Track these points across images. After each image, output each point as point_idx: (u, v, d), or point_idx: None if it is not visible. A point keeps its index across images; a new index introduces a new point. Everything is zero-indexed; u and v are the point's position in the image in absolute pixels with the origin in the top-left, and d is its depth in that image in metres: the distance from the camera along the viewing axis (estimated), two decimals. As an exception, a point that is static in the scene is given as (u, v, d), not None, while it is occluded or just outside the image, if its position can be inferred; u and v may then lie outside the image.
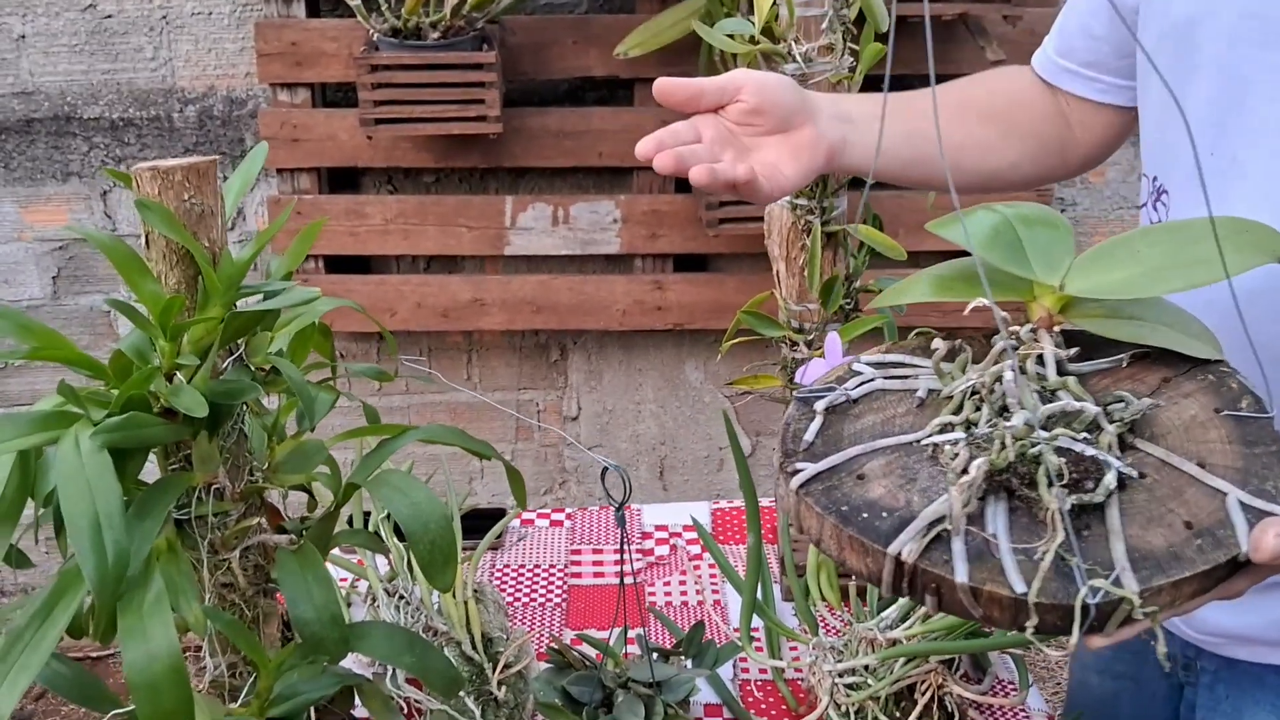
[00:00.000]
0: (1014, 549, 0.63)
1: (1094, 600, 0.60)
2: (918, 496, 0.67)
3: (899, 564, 0.64)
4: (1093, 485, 0.65)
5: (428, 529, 0.81)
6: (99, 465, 0.70)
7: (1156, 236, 0.77)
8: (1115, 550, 0.63)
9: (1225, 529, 0.65)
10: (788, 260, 1.22)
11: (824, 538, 0.68)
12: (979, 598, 0.62)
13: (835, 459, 0.71)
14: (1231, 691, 1.04)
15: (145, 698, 0.71)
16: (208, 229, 0.78)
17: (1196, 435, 0.71)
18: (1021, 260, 0.75)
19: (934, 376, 0.76)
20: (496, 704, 1.04)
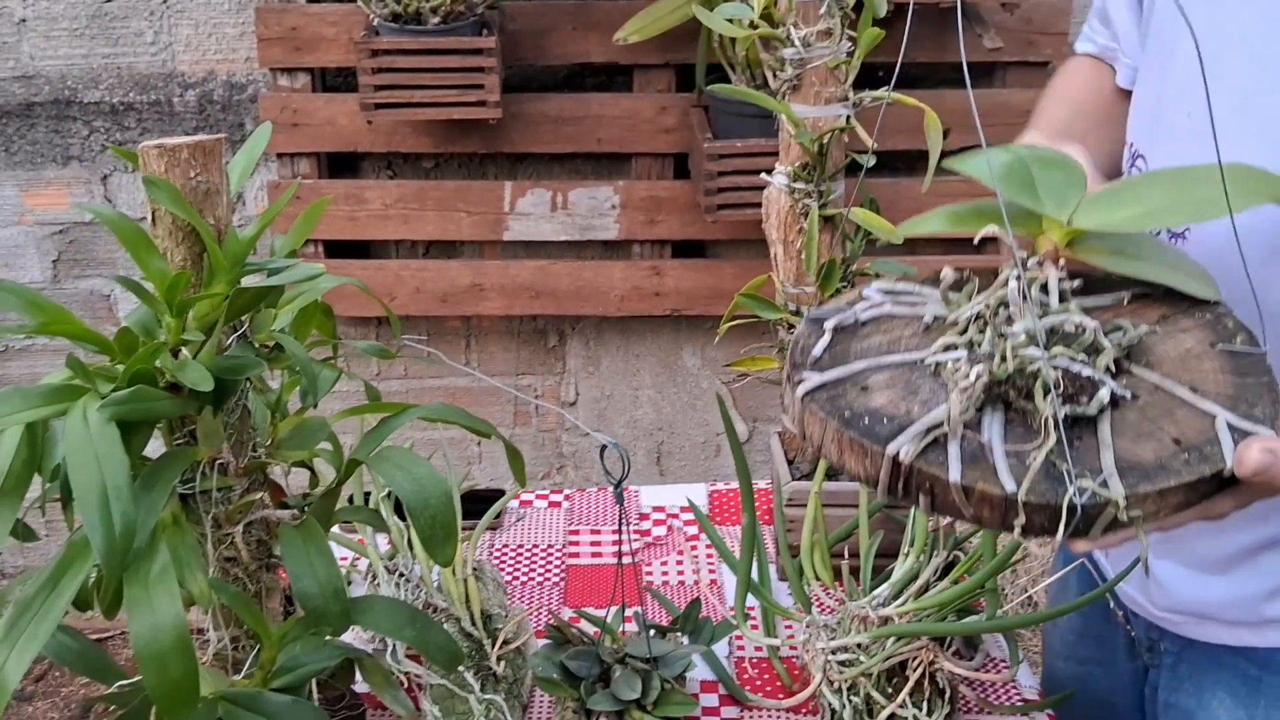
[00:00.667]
0: (1007, 453, 0.66)
1: (1081, 500, 0.63)
2: (918, 406, 0.70)
3: (896, 464, 0.66)
4: (1087, 399, 0.68)
5: (429, 504, 0.82)
6: (107, 437, 0.71)
7: (1163, 179, 0.80)
8: (1104, 459, 0.66)
9: (1213, 446, 0.67)
10: (785, 243, 1.23)
11: (825, 442, 0.70)
12: (970, 497, 0.65)
13: (841, 371, 0.74)
14: (1192, 671, 1.06)
15: (152, 668, 0.73)
16: (213, 206, 0.80)
17: (1191, 365, 0.74)
18: (1033, 196, 0.78)
19: (941, 304, 0.78)
20: (495, 679, 1.05)
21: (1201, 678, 1.05)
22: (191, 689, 0.73)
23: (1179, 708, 1.08)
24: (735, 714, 1.09)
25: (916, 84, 2.33)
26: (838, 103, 1.18)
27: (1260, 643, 1.00)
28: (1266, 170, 0.78)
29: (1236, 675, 1.02)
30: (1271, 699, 1.00)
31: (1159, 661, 1.11)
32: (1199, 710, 1.05)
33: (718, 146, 2.07)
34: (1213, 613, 1.02)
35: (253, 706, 0.82)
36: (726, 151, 2.06)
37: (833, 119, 1.17)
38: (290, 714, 0.82)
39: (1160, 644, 1.10)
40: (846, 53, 1.17)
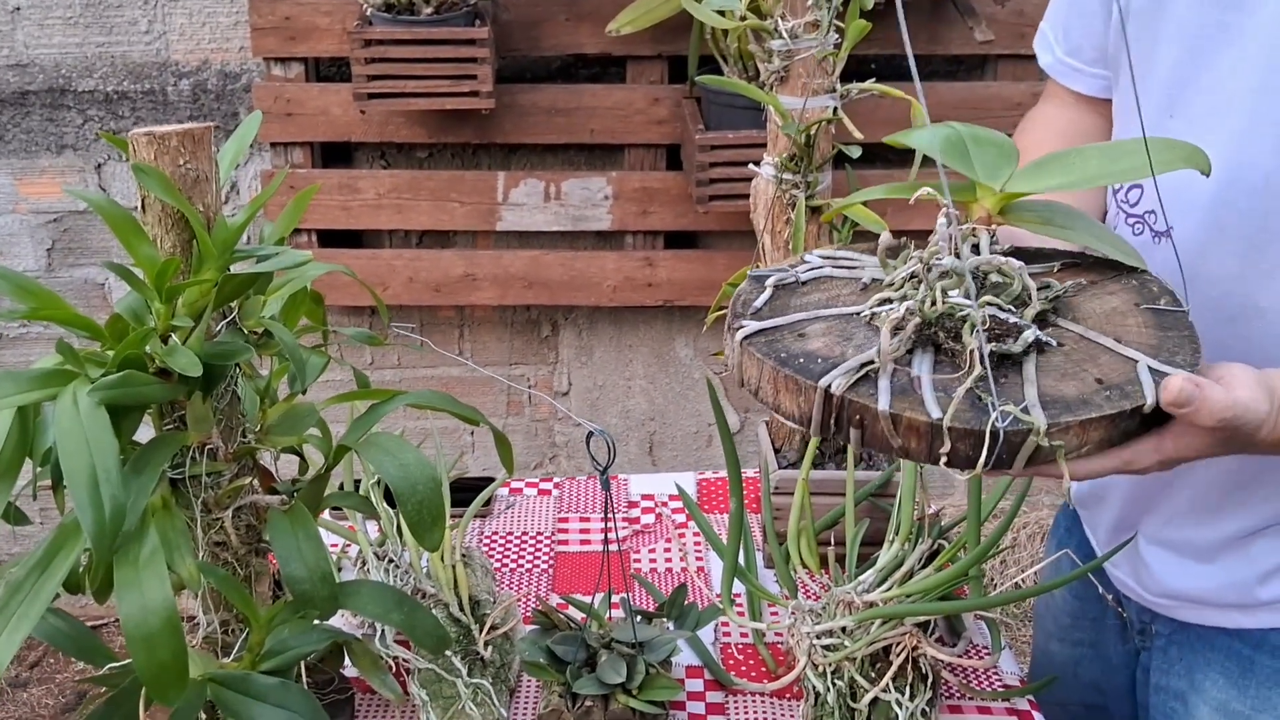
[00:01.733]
0: (934, 383, 0.69)
1: (1003, 425, 0.65)
2: (852, 350, 0.73)
3: (828, 398, 0.69)
4: (1013, 340, 0.71)
5: (416, 490, 0.83)
6: (97, 421, 0.72)
7: (1089, 152, 0.83)
8: (1028, 393, 0.69)
9: (1134, 385, 0.70)
10: (773, 233, 1.24)
11: (762, 383, 0.74)
12: (898, 426, 0.68)
13: (780, 320, 0.77)
14: (1184, 654, 1.07)
15: (141, 649, 0.74)
16: (202, 194, 0.80)
17: (1116, 321, 0.77)
18: (968, 165, 0.82)
19: (878, 268, 0.81)
20: (483, 663, 1.06)
21: (1193, 659, 1.07)
22: (180, 670, 0.74)
23: (1170, 689, 1.09)
24: (720, 698, 1.11)
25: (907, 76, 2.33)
26: (825, 94, 1.18)
27: (1252, 624, 1.02)
28: (1187, 143, 0.81)
29: (1229, 656, 1.03)
30: (1263, 678, 1.01)
31: (1151, 644, 1.12)
32: (1190, 691, 1.06)
33: (709, 137, 2.08)
34: (1205, 597, 1.04)
35: (241, 689, 0.84)
36: (718, 142, 2.07)
37: (820, 110, 1.18)
38: (278, 696, 0.83)
39: (1152, 627, 1.11)
40: (834, 45, 1.18)
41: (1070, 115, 1.14)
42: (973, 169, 0.81)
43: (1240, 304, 0.92)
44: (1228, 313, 0.93)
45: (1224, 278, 0.93)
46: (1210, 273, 0.93)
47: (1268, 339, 0.92)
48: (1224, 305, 0.93)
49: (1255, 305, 0.92)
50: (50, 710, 2.42)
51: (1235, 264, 0.92)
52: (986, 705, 1.09)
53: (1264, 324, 0.92)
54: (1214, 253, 0.93)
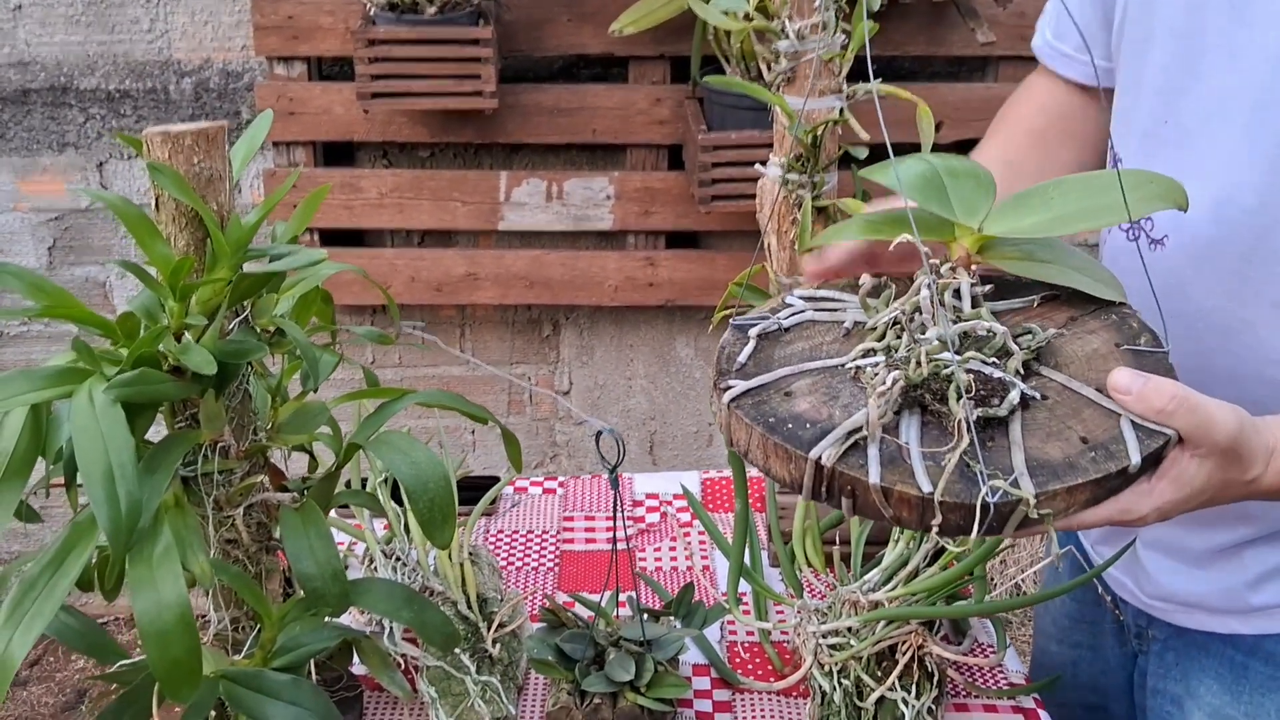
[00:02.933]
0: (923, 454, 0.69)
1: (993, 499, 0.65)
2: (839, 411, 0.72)
3: (819, 468, 0.69)
4: (998, 401, 0.71)
5: (427, 488, 0.84)
6: (112, 419, 0.72)
7: (1068, 186, 0.83)
8: (1015, 459, 0.68)
9: (1118, 444, 0.70)
10: (779, 234, 1.25)
11: (751, 447, 0.73)
12: (889, 498, 0.67)
13: (765, 378, 0.76)
14: (1180, 659, 1.08)
15: (155, 645, 0.74)
16: (216, 193, 0.81)
17: (1097, 365, 0.76)
18: (945, 204, 0.81)
19: (860, 310, 0.81)
20: (491, 661, 1.07)
21: (1189, 664, 1.07)
22: (194, 667, 0.74)
23: (1167, 693, 1.09)
24: (727, 696, 1.11)
25: (910, 77, 2.34)
26: (831, 95, 1.19)
27: (1246, 630, 1.02)
28: (1166, 176, 0.81)
29: (1223, 662, 1.04)
30: (1257, 684, 1.01)
31: (1148, 648, 1.12)
32: (1186, 696, 1.07)
33: (712, 138, 2.08)
34: (1200, 601, 1.04)
35: (253, 685, 0.84)
36: (721, 143, 2.08)
37: (826, 111, 1.19)
38: (290, 693, 0.84)
39: (1149, 630, 1.12)
40: (840, 45, 1.18)
41: (1060, 98, 1.14)
42: (950, 207, 0.81)
43: (1232, 318, 0.92)
44: (1219, 326, 0.93)
45: (1217, 291, 0.93)
46: (1203, 285, 0.93)
47: (1258, 355, 0.92)
48: (1215, 319, 0.93)
49: (1246, 320, 0.92)
50: (50, 708, 2.42)
51: (1228, 278, 0.92)
52: (992, 703, 1.10)
53: (1254, 339, 0.92)
54: (1207, 266, 0.93)
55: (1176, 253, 0.95)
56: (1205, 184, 0.91)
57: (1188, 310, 0.95)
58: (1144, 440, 0.70)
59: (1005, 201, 0.82)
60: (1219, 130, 0.91)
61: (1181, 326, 0.94)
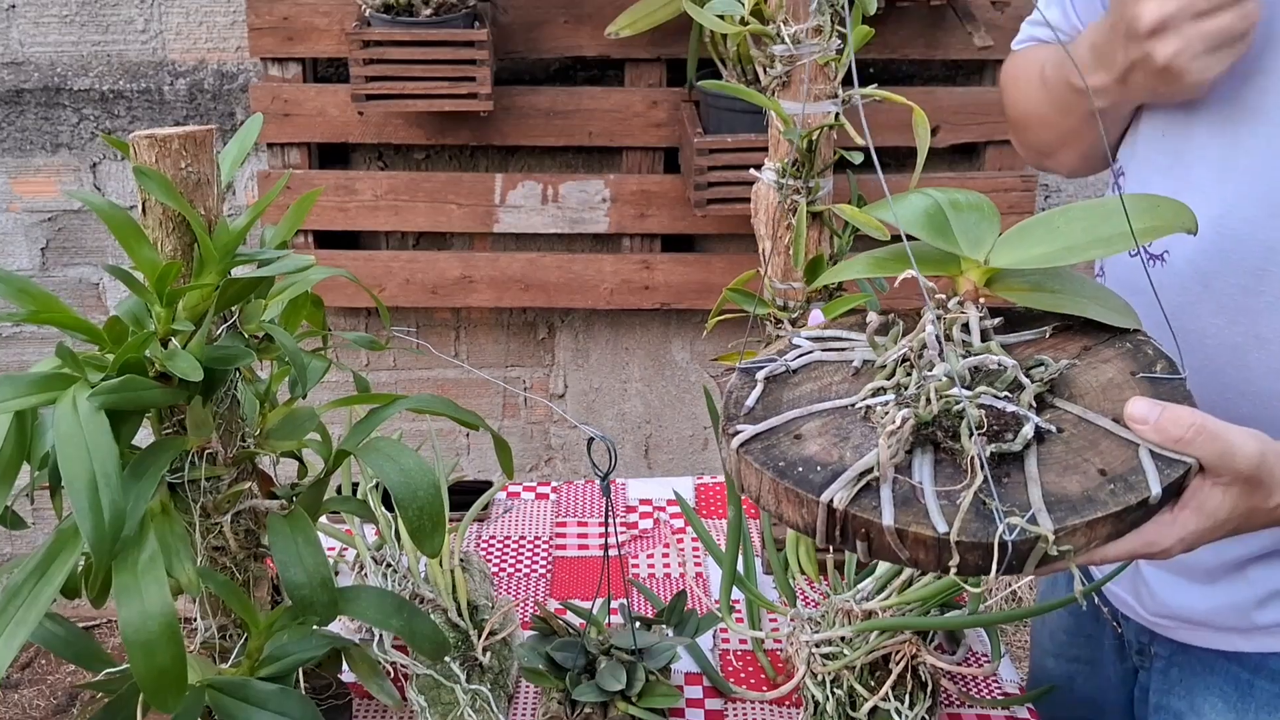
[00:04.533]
0: (937, 494, 0.67)
1: (1011, 537, 0.64)
2: (850, 452, 0.71)
3: (831, 511, 0.67)
4: (1012, 436, 0.69)
5: (417, 495, 0.83)
6: (96, 426, 0.71)
7: (1074, 214, 0.81)
8: (1032, 494, 0.67)
9: (1137, 475, 0.68)
10: (774, 239, 1.24)
11: (762, 492, 0.72)
12: (905, 540, 0.66)
13: (774, 421, 0.75)
14: (1185, 675, 1.07)
15: (140, 654, 0.73)
16: (204, 197, 0.80)
17: (1113, 395, 0.75)
18: (949, 238, 0.80)
19: (868, 349, 0.80)
20: (481, 669, 1.06)
21: (1193, 681, 1.06)
22: (179, 676, 0.74)
23: (1170, 709, 1.08)
24: (719, 706, 1.10)
25: (907, 81, 2.34)
26: (827, 99, 1.18)
27: (1251, 648, 1.01)
28: (1173, 201, 0.79)
29: (1228, 680, 1.03)
30: (1262, 703, 1.01)
31: (1149, 664, 1.11)
32: (1190, 713, 1.06)
33: (708, 141, 2.07)
34: (1203, 619, 1.03)
35: (240, 695, 0.83)
36: (716, 146, 2.07)
37: (822, 116, 1.18)
38: (277, 702, 0.83)
39: (1151, 647, 1.11)
40: (836, 50, 1.18)
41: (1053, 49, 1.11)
42: (955, 241, 0.80)
43: (1243, 333, 0.91)
44: (1229, 343, 0.92)
45: (1227, 306, 0.92)
46: (1211, 302, 0.92)
47: (1269, 370, 0.91)
48: (1227, 334, 0.92)
49: (1258, 335, 0.91)
50: (42, 712, 2.40)
51: (1236, 294, 0.91)
52: (986, 713, 1.09)
53: (1266, 355, 0.91)
54: (1215, 282, 0.92)
55: (1181, 268, 0.94)
56: (1208, 198, 0.90)
57: (1195, 327, 0.94)
58: (1164, 470, 0.68)
59: (1010, 232, 0.81)
60: (1221, 143, 0.90)
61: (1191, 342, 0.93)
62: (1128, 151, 1.00)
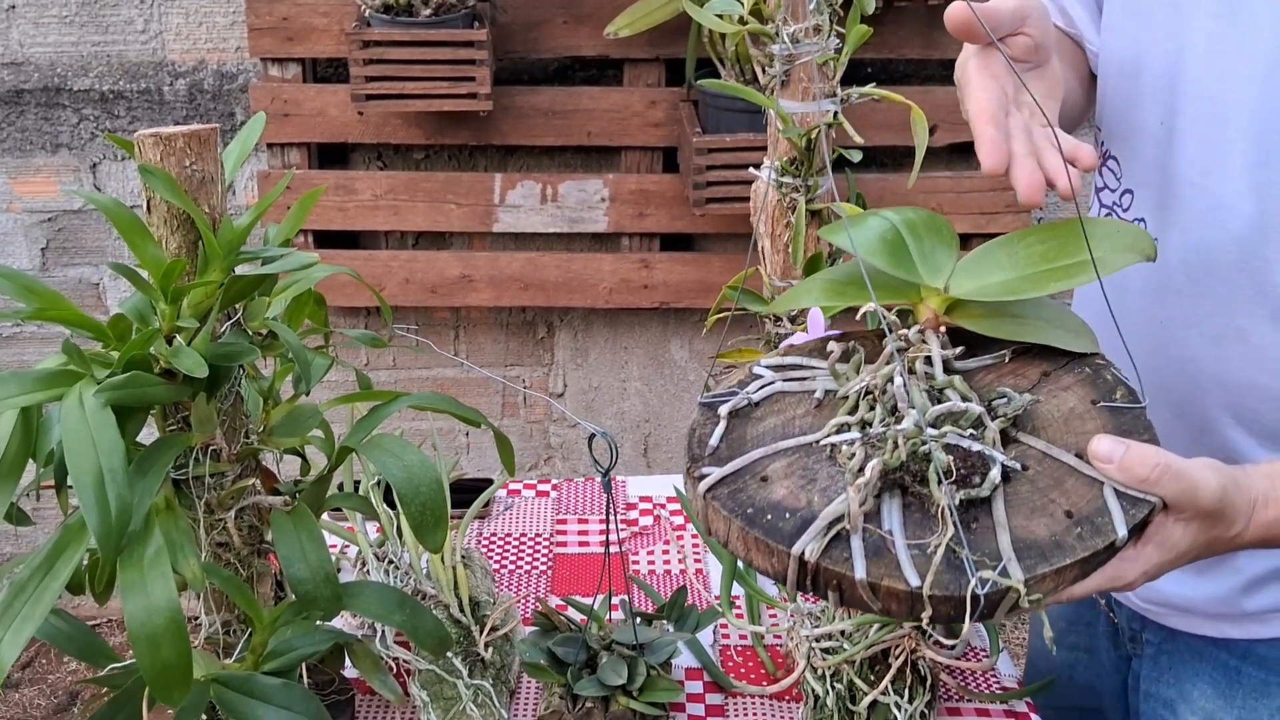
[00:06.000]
0: (908, 545, 0.66)
1: (983, 591, 0.64)
2: (818, 496, 0.70)
3: (802, 563, 0.67)
4: (979, 480, 0.69)
5: (419, 491, 0.83)
6: (103, 422, 0.72)
7: (1034, 238, 0.81)
8: (1001, 541, 0.66)
9: (1103, 516, 0.68)
10: (773, 237, 1.24)
11: (731, 539, 0.71)
12: (877, 592, 0.65)
13: (739, 462, 0.74)
14: (1174, 662, 1.08)
15: (146, 649, 0.74)
16: (208, 195, 0.81)
17: (1075, 426, 0.75)
18: (908, 264, 0.79)
19: (830, 377, 0.79)
20: (483, 664, 1.06)
21: (1182, 668, 1.07)
22: (185, 670, 0.74)
23: (1160, 697, 1.10)
24: (720, 700, 1.11)
25: (904, 80, 2.35)
26: (826, 98, 1.19)
27: (1239, 634, 1.02)
28: (1131, 227, 0.79)
29: (1216, 666, 1.04)
30: (1249, 689, 1.02)
31: (1141, 651, 1.12)
32: (1179, 700, 1.07)
33: (706, 141, 2.08)
34: (1193, 606, 1.04)
35: (244, 689, 0.84)
36: (715, 146, 2.08)
37: (820, 114, 1.19)
38: (281, 697, 0.83)
39: (1143, 634, 1.12)
40: (835, 49, 1.18)
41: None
42: (914, 268, 0.79)
43: (1223, 325, 0.92)
44: (1209, 333, 0.93)
45: (1207, 297, 0.92)
46: (1193, 291, 0.93)
47: (1248, 362, 0.92)
48: (1207, 324, 0.93)
49: (1239, 328, 0.92)
50: (43, 711, 2.41)
51: (1219, 285, 0.92)
52: (985, 707, 1.10)
53: (1245, 348, 0.92)
54: (1198, 272, 0.93)
55: (1166, 257, 0.94)
56: (1200, 189, 0.91)
57: (1179, 316, 0.95)
58: (1129, 510, 0.69)
59: (969, 258, 0.80)
60: (1212, 135, 0.91)
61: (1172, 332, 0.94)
62: (1119, 133, 1.01)
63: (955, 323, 0.79)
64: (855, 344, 0.81)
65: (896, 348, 0.73)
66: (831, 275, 0.85)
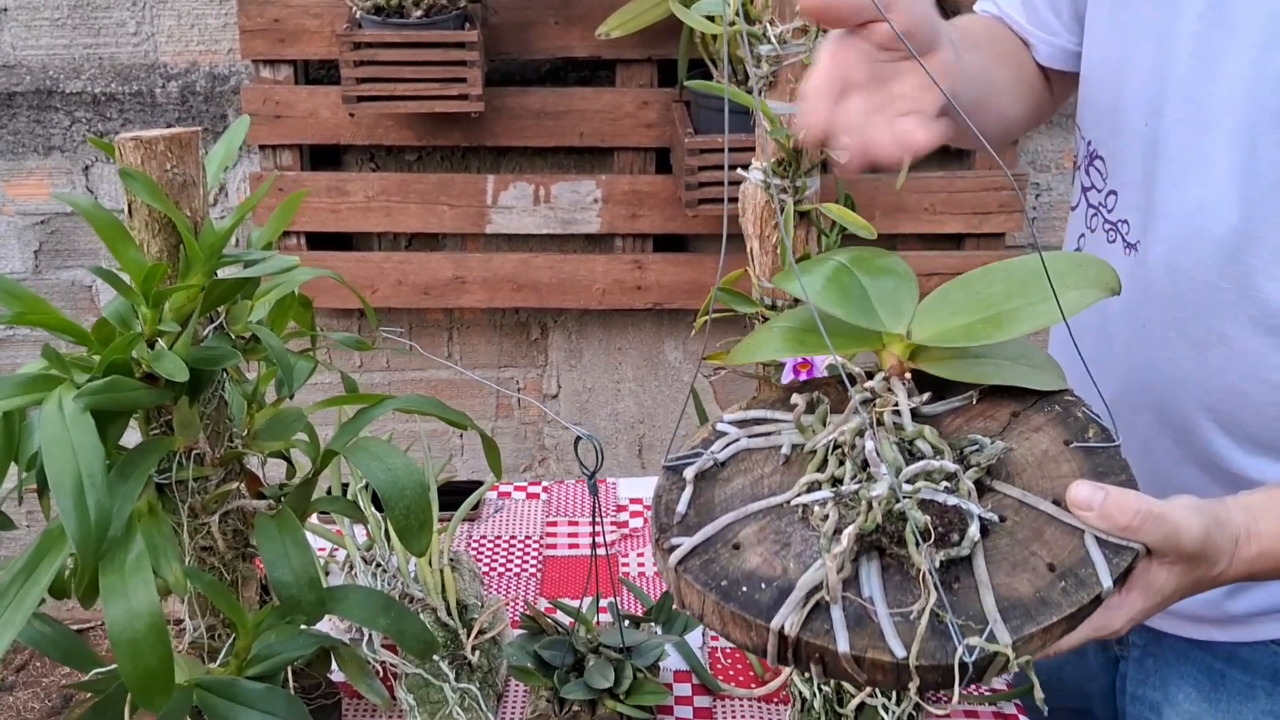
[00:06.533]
0: (890, 613, 0.64)
1: (971, 659, 0.62)
2: (793, 563, 0.68)
3: (782, 638, 0.64)
4: (958, 538, 0.67)
5: (404, 495, 0.83)
6: (82, 427, 0.72)
7: (995, 276, 0.79)
8: (985, 602, 0.64)
9: (1086, 567, 0.67)
10: (761, 238, 1.24)
11: (706, 613, 0.68)
12: (862, 665, 0.63)
13: (709, 530, 0.71)
14: (1159, 665, 1.08)
15: (127, 654, 0.73)
16: (190, 198, 0.80)
17: (1050, 470, 0.73)
18: (868, 310, 0.77)
19: (796, 431, 0.77)
20: (471, 668, 1.06)
21: (1167, 670, 1.07)
22: (166, 676, 0.74)
23: (1145, 699, 1.09)
24: (708, 703, 1.11)
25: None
26: (813, 99, 1.18)
27: (1224, 637, 1.02)
28: (1094, 261, 0.78)
29: (1201, 669, 1.04)
30: (1234, 692, 1.01)
31: (1128, 653, 1.12)
32: (1164, 703, 1.07)
33: (699, 141, 2.08)
34: (1178, 609, 1.03)
35: (228, 694, 0.83)
36: (707, 146, 2.08)
37: (808, 115, 1.18)
38: (265, 702, 0.83)
39: (1129, 636, 1.12)
40: (822, 50, 1.18)
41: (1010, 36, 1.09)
42: (874, 314, 0.77)
43: (1206, 330, 0.92)
44: (1193, 338, 0.93)
45: (1191, 301, 0.92)
46: (1177, 294, 0.93)
47: (1232, 368, 0.92)
48: (1190, 329, 0.93)
49: (1222, 334, 0.91)
50: (37, 714, 2.41)
51: (1203, 289, 0.91)
52: (973, 709, 1.10)
53: (1228, 351, 0.91)
54: (1182, 276, 0.92)
55: (1152, 259, 0.94)
56: (1184, 192, 0.91)
57: (1161, 319, 0.94)
58: (1112, 559, 0.67)
59: (929, 299, 0.78)
60: (1197, 138, 0.90)
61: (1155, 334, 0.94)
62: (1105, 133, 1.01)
63: (919, 367, 0.78)
64: (820, 394, 0.79)
65: (862, 400, 0.72)
66: (790, 323, 0.82)
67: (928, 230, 2.28)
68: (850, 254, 0.82)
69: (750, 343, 0.84)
